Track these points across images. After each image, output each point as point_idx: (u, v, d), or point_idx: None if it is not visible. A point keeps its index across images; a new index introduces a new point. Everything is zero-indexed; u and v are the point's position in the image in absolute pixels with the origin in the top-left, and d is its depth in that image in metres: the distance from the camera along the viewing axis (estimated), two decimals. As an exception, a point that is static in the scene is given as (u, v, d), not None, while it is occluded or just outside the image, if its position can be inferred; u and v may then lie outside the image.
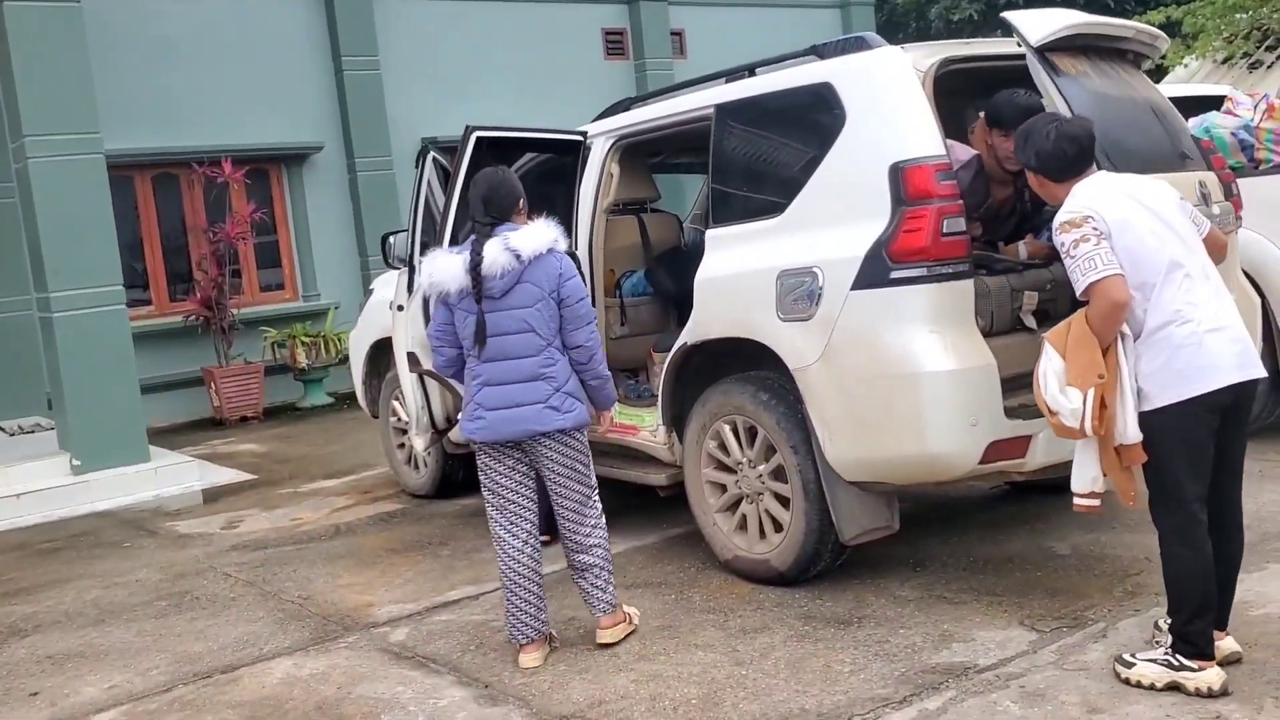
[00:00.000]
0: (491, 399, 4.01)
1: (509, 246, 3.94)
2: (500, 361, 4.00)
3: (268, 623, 4.84)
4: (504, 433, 4.01)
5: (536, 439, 4.03)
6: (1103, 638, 3.82)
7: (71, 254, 7.71)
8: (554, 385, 4.01)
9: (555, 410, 4.00)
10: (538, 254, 3.97)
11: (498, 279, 3.93)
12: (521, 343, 3.98)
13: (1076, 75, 4.37)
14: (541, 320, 3.98)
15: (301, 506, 7.01)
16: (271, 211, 11.74)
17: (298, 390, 11.33)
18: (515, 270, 3.94)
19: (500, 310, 3.96)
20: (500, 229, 4.02)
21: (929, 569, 4.69)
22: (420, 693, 3.92)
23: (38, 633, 4.99)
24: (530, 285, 3.96)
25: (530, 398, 3.98)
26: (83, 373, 7.80)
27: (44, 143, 7.57)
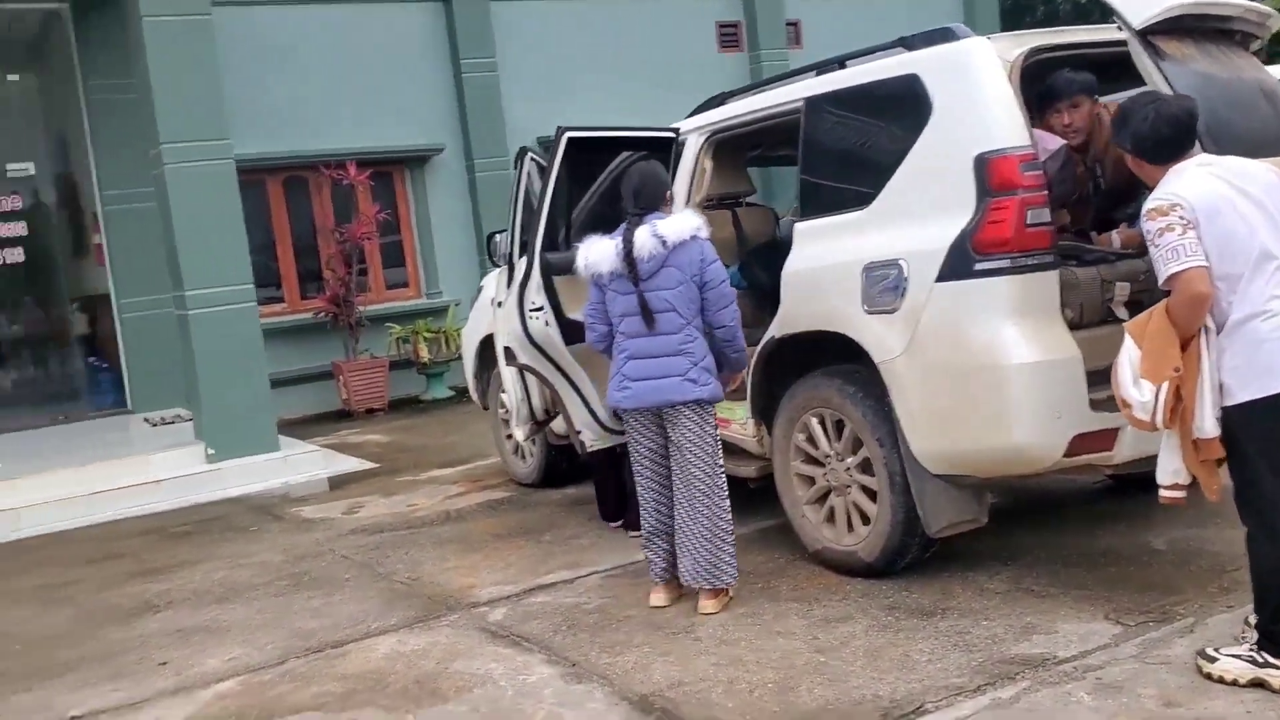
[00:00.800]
0: (636, 371, 4.46)
1: (656, 233, 4.40)
2: (645, 337, 4.45)
3: (377, 602, 5.10)
4: (647, 401, 4.45)
5: (674, 408, 4.43)
6: (1189, 633, 3.77)
7: (205, 255, 8.17)
8: (692, 360, 4.42)
9: (693, 383, 4.41)
10: (681, 240, 4.40)
11: (645, 262, 4.39)
12: (664, 321, 4.42)
13: (1181, 58, 4.27)
14: (683, 301, 4.40)
15: (417, 493, 7.31)
16: (395, 212, 12.18)
17: (420, 384, 11.74)
18: (661, 255, 4.39)
19: (647, 291, 4.42)
20: (649, 217, 4.47)
21: (1019, 562, 4.67)
22: (511, 669, 4.11)
23: (169, 609, 5.35)
24: (674, 269, 4.39)
25: (671, 370, 4.41)
26: (216, 367, 8.25)
27: (178, 150, 8.04)
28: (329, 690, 4.10)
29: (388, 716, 3.80)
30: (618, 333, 4.56)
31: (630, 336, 4.50)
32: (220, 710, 4.02)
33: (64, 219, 11.88)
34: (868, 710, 3.45)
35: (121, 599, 5.58)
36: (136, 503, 7.72)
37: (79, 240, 11.59)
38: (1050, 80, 4.53)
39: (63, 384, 12.47)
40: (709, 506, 4.46)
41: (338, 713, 3.87)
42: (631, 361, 4.48)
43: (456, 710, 3.79)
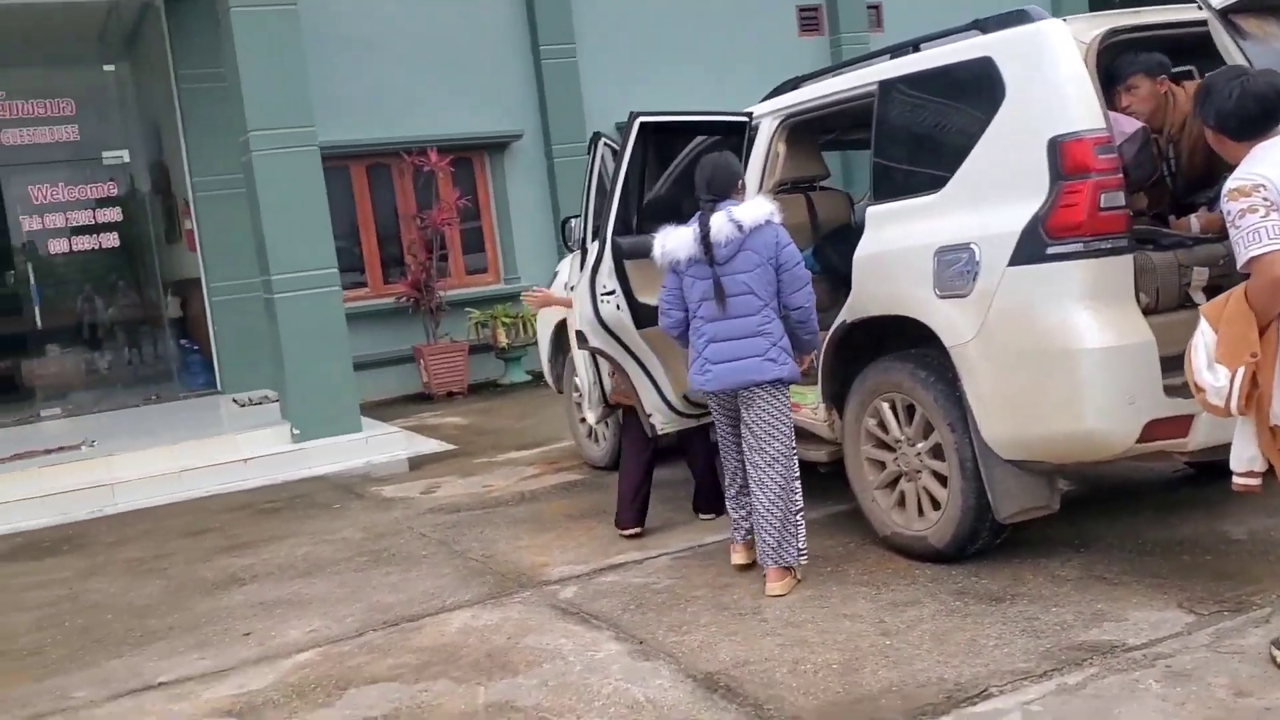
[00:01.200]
0: (717, 354, 4.58)
1: (732, 218, 4.52)
2: (724, 320, 4.56)
3: (453, 578, 5.22)
4: (728, 382, 4.58)
5: (751, 389, 4.54)
6: (1265, 623, 3.70)
7: (291, 240, 8.38)
8: (771, 340, 4.54)
9: (772, 362, 4.54)
10: (757, 224, 4.53)
11: (722, 246, 4.52)
12: (742, 303, 4.54)
13: (1263, 36, 4.18)
14: (760, 283, 4.53)
15: (494, 475, 7.44)
16: (475, 198, 12.35)
17: (499, 368, 11.91)
18: (738, 239, 4.51)
19: (724, 275, 4.54)
20: (722, 204, 4.59)
21: (1092, 549, 4.62)
22: (580, 645, 4.19)
23: (254, 582, 5.54)
24: (750, 253, 4.52)
25: (750, 352, 4.53)
26: (301, 350, 8.47)
27: (265, 137, 8.26)
28: (404, 662, 4.22)
29: (460, 688, 3.90)
30: (696, 317, 4.67)
31: (709, 320, 4.62)
32: (300, 679, 4.16)
33: (157, 205, 12.29)
34: (931, 692, 3.47)
35: (209, 572, 5.79)
36: (225, 480, 7.99)
37: (171, 226, 11.97)
38: (1112, 62, 4.45)
39: (155, 365, 12.93)
40: (782, 488, 4.54)
41: (412, 684, 3.99)
42: (712, 345, 4.60)
43: (526, 683, 3.88)
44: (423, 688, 3.95)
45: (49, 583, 5.91)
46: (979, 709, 3.34)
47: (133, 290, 13.65)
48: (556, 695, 3.75)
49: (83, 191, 11.49)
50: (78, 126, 11.16)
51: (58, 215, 11.42)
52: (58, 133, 11.06)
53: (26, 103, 10.92)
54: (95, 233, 11.46)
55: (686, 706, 3.56)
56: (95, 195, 11.56)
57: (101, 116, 11.91)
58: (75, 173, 11.63)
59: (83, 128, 11.22)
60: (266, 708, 3.92)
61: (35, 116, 10.98)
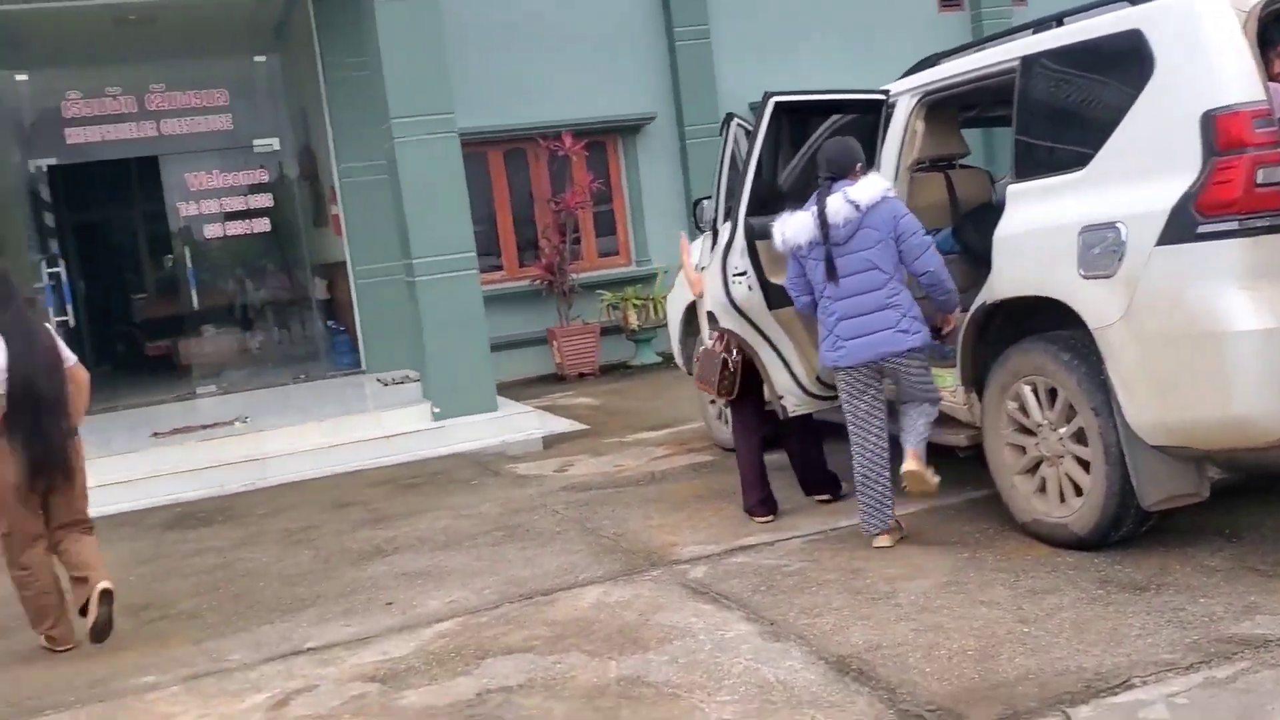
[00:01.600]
0: (848, 330, 4.71)
1: (849, 199, 4.64)
2: (851, 298, 4.70)
3: (585, 555, 5.31)
4: (861, 357, 4.72)
5: (893, 360, 4.71)
6: None
7: (430, 224, 8.61)
8: (901, 311, 4.68)
9: (905, 333, 4.68)
10: (873, 203, 4.65)
11: (841, 227, 4.65)
12: (868, 279, 4.66)
13: None
14: (883, 258, 4.66)
15: (624, 454, 7.52)
16: (608, 181, 12.46)
17: (630, 349, 12.01)
18: (856, 218, 4.64)
19: (846, 254, 4.67)
20: (838, 185, 4.70)
21: (1245, 539, 4.43)
22: (710, 624, 4.22)
23: (396, 553, 5.73)
24: (870, 230, 4.65)
25: (881, 325, 4.66)
26: (441, 331, 8.70)
27: (407, 124, 8.49)
28: (538, 634, 4.32)
29: (592, 661, 3.98)
30: (824, 297, 4.78)
31: (837, 299, 4.72)
32: (440, 648, 4.30)
33: (305, 191, 12.75)
34: (1070, 681, 3.39)
35: (354, 543, 6.01)
36: (369, 456, 8.26)
37: (318, 211, 12.41)
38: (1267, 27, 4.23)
39: (304, 346, 13.46)
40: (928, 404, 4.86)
41: (546, 655, 4.08)
42: (842, 322, 4.72)
43: (656, 660, 3.93)
44: (556, 659, 4.03)
45: (206, 551, 6.23)
46: (1120, 699, 3.25)
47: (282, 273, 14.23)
48: (686, 672, 3.79)
49: (235, 178, 12.02)
50: (230, 116, 11.68)
51: (212, 201, 11.98)
52: (212, 122, 11.59)
53: (183, 94, 11.46)
54: (247, 218, 11.98)
55: (818, 688, 3.56)
56: (247, 182, 12.08)
57: (252, 106, 12.42)
58: (228, 160, 12.17)
59: (235, 117, 11.73)
60: (408, 674, 4.06)
61: (191, 107, 11.53)
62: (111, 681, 4.35)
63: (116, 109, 11.29)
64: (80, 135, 11.24)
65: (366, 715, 3.74)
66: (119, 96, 11.31)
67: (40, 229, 12.64)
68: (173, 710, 3.99)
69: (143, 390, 11.61)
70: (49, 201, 13.41)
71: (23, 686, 4.40)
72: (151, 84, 11.38)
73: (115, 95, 11.30)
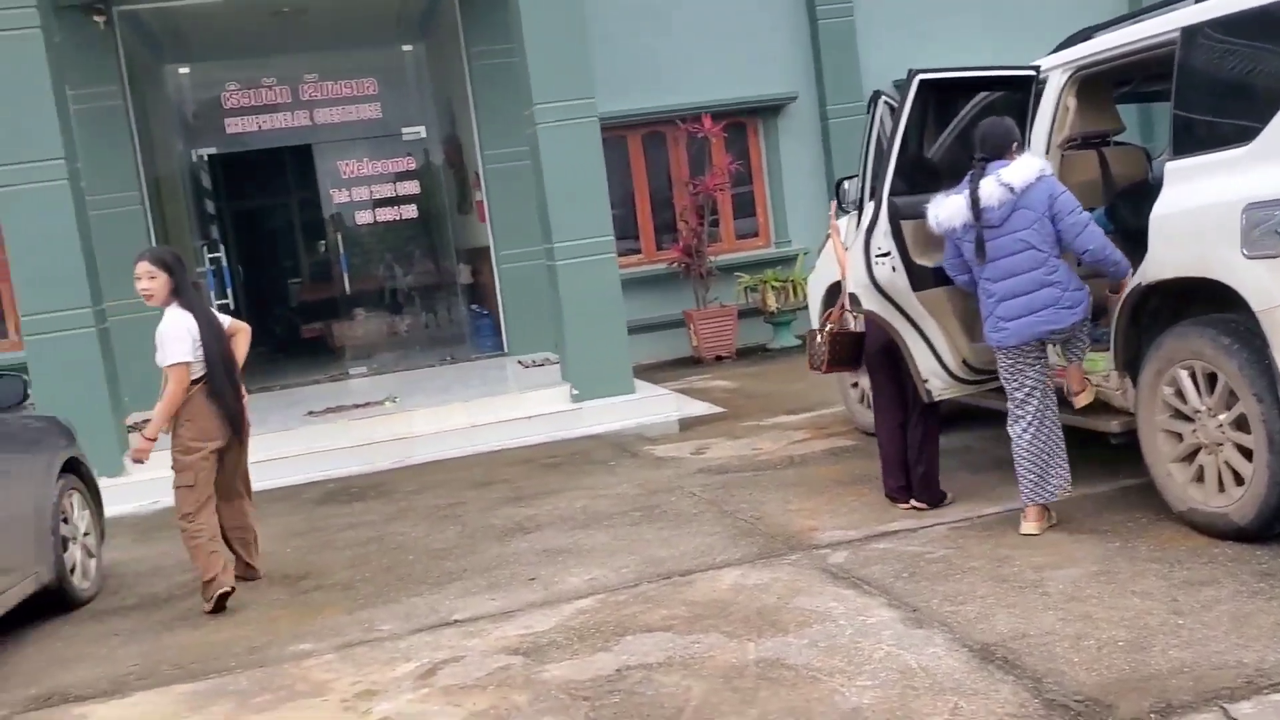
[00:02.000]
0: (1010, 311, 4.68)
1: (1002, 181, 4.60)
2: (1010, 279, 4.67)
3: (722, 537, 5.33)
4: (1026, 335, 4.69)
5: (1058, 336, 4.72)
6: None
7: (571, 209, 8.71)
8: (1061, 288, 4.62)
9: (1069, 309, 4.64)
10: (1028, 184, 4.58)
11: (995, 209, 4.61)
12: (1026, 259, 4.61)
13: None
14: (1040, 237, 4.60)
15: (762, 438, 7.51)
16: (748, 163, 12.40)
17: (768, 332, 11.95)
18: (1010, 200, 4.59)
19: (1002, 235, 4.64)
20: (992, 166, 4.66)
21: None
22: (851, 610, 4.19)
23: (537, 531, 5.85)
24: (1025, 210, 4.59)
25: (1045, 303, 4.62)
26: (579, 314, 8.82)
27: (549, 110, 8.61)
28: (677, 614, 4.36)
29: (730, 642, 4.00)
30: (983, 279, 4.76)
31: (996, 280, 4.70)
32: (580, 623, 4.38)
33: (450, 178, 13.06)
34: (1229, 676, 3.25)
35: (498, 520, 6.16)
36: (511, 436, 8.44)
37: (463, 197, 12.70)
38: None
39: (449, 329, 13.81)
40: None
41: (684, 634, 4.12)
42: (1003, 303, 4.69)
43: (796, 643, 3.92)
44: (694, 639, 4.06)
45: (358, 525, 6.47)
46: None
47: (429, 259, 14.63)
48: (826, 656, 3.77)
49: (384, 166, 12.40)
50: (379, 104, 12.04)
51: (363, 188, 12.38)
52: (362, 111, 11.97)
53: (334, 83, 11.87)
54: (395, 205, 12.35)
55: (961, 675, 3.50)
56: (395, 169, 12.44)
57: (400, 94, 12.78)
58: (377, 148, 12.55)
59: (384, 105, 12.09)
60: (550, 648, 4.15)
61: (342, 96, 11.93)
62: (269, 648, 4.56)
63: (272, 99, 11.78)
64: (239, 125, 11.75)
65: (511, 687, 3.84)
66: (274, 87, 11.78)
67: (202, 216, 13.25)
68: (327, 677, 4.16)
69: (298, 371, 12.10)
70: (210, 189, 14.05)
71: (186, 652, 4.65)
72: (305, 74, 11.82)
73: (271, 86, 11.77)
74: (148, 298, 5.25)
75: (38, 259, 7.83)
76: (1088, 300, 4.69)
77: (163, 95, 12.32)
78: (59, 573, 5.26)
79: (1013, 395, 4.84)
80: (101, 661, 4.64)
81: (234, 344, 5.45)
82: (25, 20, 7.74)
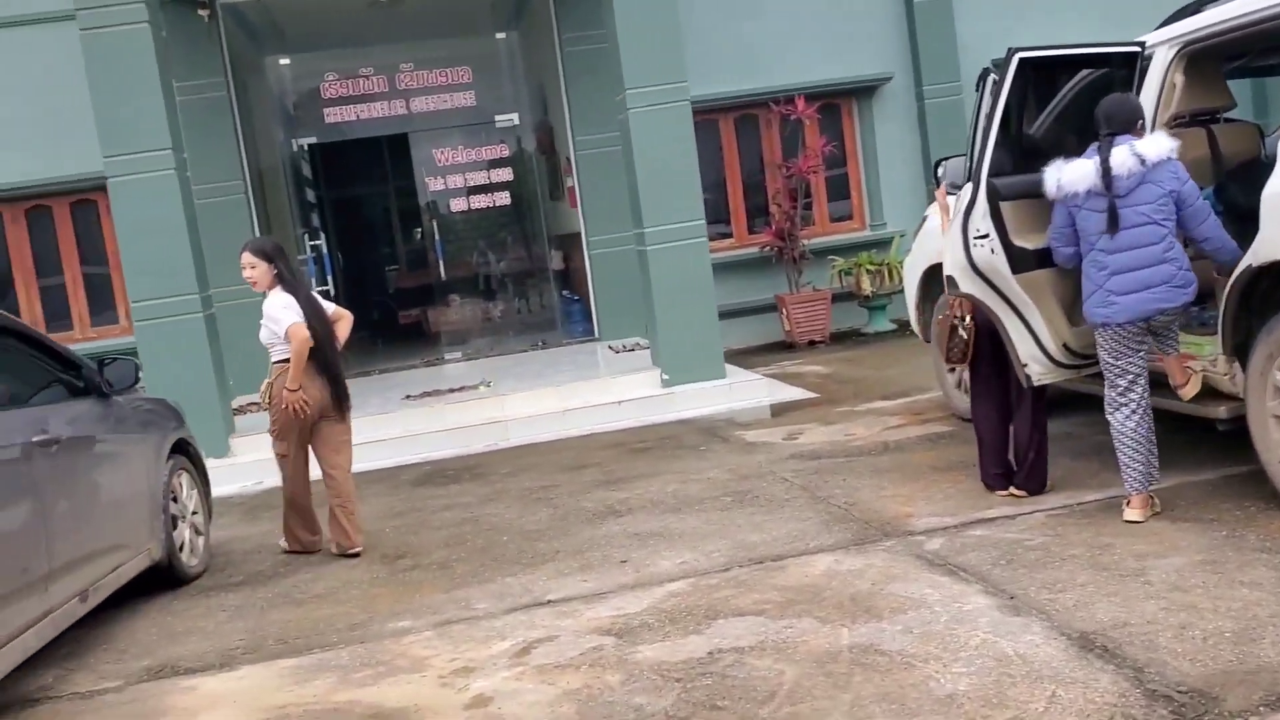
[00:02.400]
0: (1122, 285, 4.58)
1: (1135, 151, 4.53)
2: (1127, 252, 4.57)
3: (815, 522, 5.30)
4: (1136, 312, 4.59)
5: (1165, 314, 4.61)
6: None
7: (662, 194, 8.72)
8: (1178, 265, 4.56)
9: (1181, 289, 4.58)
10: (1159, 159, 4.53)
11: (1125, 179, 4.53)
12: (1146, 234, 4.54)
13: None
14: (1163, 214, 4.54)
15: (856, 423, 7.44)
16: (841, 145, 12.27)
17: (862, 316, 11.82)
18: (1139, 173, 4.52)
19: (1126, 207, 4.55)
20: (1120, 139, 4.59)
21: None
22: (947, 596, 4.14)
23: (629, 514, 5.88)
24: (1152, 185, 4.52)
25: (1158, 279, 4.54)
26: (670, 299, 8.82)
27: (641, 94, 8.61)
28: (769, 598, 4.35)
29: (823, 627, 3.98)
30: (1094, 250, 4.66)
31: (1111, 252, 4.59)
32: (672, 606, 4.40)
33: (542, 164, 13.15)
34: (1346, 672, 3.15)
35: (589, 503, 6.21)
36: (602, 420, 8.50)
37: (555, 183, 12.78)
38: None
39: (541, 314, 13.94)
40: None
41: (777, 619, 4.11)
42: (1115, 277, 4.58)
43: (890, 629, 3.89)
44: (787, 624, 4.05)
45: (454, 506, 6.58)
46: (1405, 695, 3.00)
47: (521, 245, 14.76)
48: (921, 642, 3.74)
49: (478, 153, 12.55)
50: (474, 92, 12.17)
51: (457, 176, 12.54)
52: (456, 99, 12.12)
53: (430, 72, 12.03)
54: (489, 192, 12.49)
55: (1059, 664, 3.44)
56: (489, 156, 12.58)
57: (493, 82, 12.90)
58: (471, 136, 12.71)
59: (478, 93, 12.22)
60: (642, 630, 4.18)
61: (438, 85, 12.09)
62: (370, 625, 4.67)
63: (369, 89, 11.98)
64: (337, 115, 11.99)
65: (603, 667, 3.88)
66: (372, 77, 11.99)
67: (303, 204, 13.55)
68: (425, 654, 4.25)
69: (395, 356, 12.33)
70: (310, 178, 14.36)
71: (290, 627, 4.78)
72: (401, 64, 12.00)
73: (368, 76, 11.98)
74: (253, 284, 5.71)
75: (147, 247, 8.10)
76: (1196, 284, 4.60)
77: (264, 86, 12.62)
78: (169, 550, 5.45)
79: (1114, 381, 4.72)
80: (210, 636, 4.80)
81: (336, 329, 5.83)
82: (134, 15, 8.00)
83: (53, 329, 10.62)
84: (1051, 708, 3.16)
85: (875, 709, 3.29)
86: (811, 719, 3.29)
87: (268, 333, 5.66)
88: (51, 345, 5.16)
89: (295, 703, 3.94)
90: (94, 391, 5.21)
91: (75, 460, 4.72)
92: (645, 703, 3.54)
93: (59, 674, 4.52)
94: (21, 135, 10.59)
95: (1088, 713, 3.11)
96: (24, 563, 4.11)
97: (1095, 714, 3.10)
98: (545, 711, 3.58)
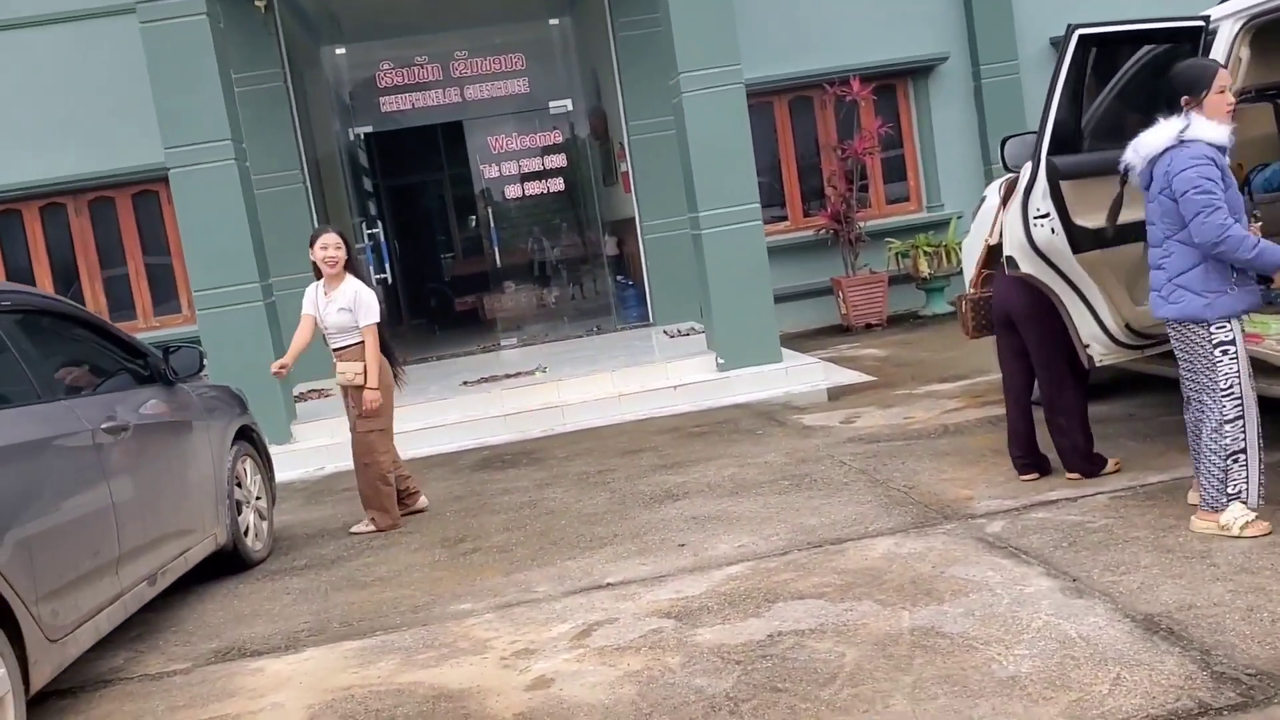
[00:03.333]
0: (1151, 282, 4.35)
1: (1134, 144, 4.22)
2: (1150, 249, 4.35)
3: (874, 506, 5.28)
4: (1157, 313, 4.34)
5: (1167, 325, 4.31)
6: None
7: (716, 177, 8.69)
8: (1166, 275, 4.20)
9: (1163, 300, 4.23)
10: (1153, 153, 4.15)
11: (1134, 173, 4.29)
12: (1151, 233, 4.29)
13: None
14: (1158, 213, 4.18)
15: (914, 407, 7.38)
16: (898, 125, 12.15)
17: (919, 299, 11.72)
18: (1145, 166, 4.20)
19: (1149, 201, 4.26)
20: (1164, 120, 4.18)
21: None
22: (1008, 579, 4.10)
23: (686, 498, 5.89)
24: (1156, 180, 4.18)
25: (1153, 285, 4.30)
26: (725, 283, 8.81)
27: (694, 78, 8.59)
28: (828, 581, 4.34)
29: (884, 610, 3.96)
30: None
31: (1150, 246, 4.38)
32: (731, 589, 4.40)
33: (595, 150, 13.16)
34: None
35: (646, 487, 6.23)
36: (657, 404, 8.52)
37: (608, 169, 12.79)
38: None
39: (595, 300, 13.98)
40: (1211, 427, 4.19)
41: (837, 602, 4.10)
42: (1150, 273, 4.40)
43: (951, 611, 3.87)
44: (847, 607, 4.04)
45: (512, 490, 6.64)
46: None
47: (575, 231, 14.81)
48: (983, 625, 3.71)
49: (532, 140, 12.59)
50: (527, 79, 12.22)
51: (511, 163, 12.60)
52: (510, 86, 12.16)
53: (484, 59, 12.09)
54: (543, 178, 12.53)
55: (1123, 646, 3.40)
56: (542, 143, 12.61)
57: (547, 68, 12.93)
58: (525, 123, 12.75)
59: (531, 80, 12.26)
60: (701, 613, 4.19)
61: (492, 72, 12.14)
62: (432, 607, 4.73)
63: (424, 77, 12.07)
64: (393, 103, 12.09)
65: (663, 649, 3.90)
66: (426, 65, 12.07)
67: (360, 193, 13.70)
68: (487, 635, 4.30)
69: (452, 343, 12.44)
70: (366, 167, 14.51)
71: (354, 610, 4.86)
72: (455, 52, 12.07)
73: (423, 64, 12.06)
74: (332, 264, 6.02)
75: (208, 236, 8.24)
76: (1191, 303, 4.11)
77: (320, 76, 12.76)
78: (234, 534, 5.56)
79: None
80: (275, 618, 4.89)
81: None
82: (193, 8, 8.13)
83: (117, 318, 10.85)
84: (1116, 690, 3.13)
85: (937, 690, 3.28)
86: (873, 700, 3.28)
87: (348, 318, 5.94)
88: (118, 334, 5.28)
89: (360, 684, 4.00)
90: (160, 379, 5.32)
91: (143, 446, 4.82)
92: (706, 684, 3.55)
93: (130, 656, 4.64)
94: (83, 128, 10.81)
95: (1153, 694, 3.07)
96: (95, 546, 4.21)
97: (1161, 696, 3.06)
98: (606, 693, 3.60)
